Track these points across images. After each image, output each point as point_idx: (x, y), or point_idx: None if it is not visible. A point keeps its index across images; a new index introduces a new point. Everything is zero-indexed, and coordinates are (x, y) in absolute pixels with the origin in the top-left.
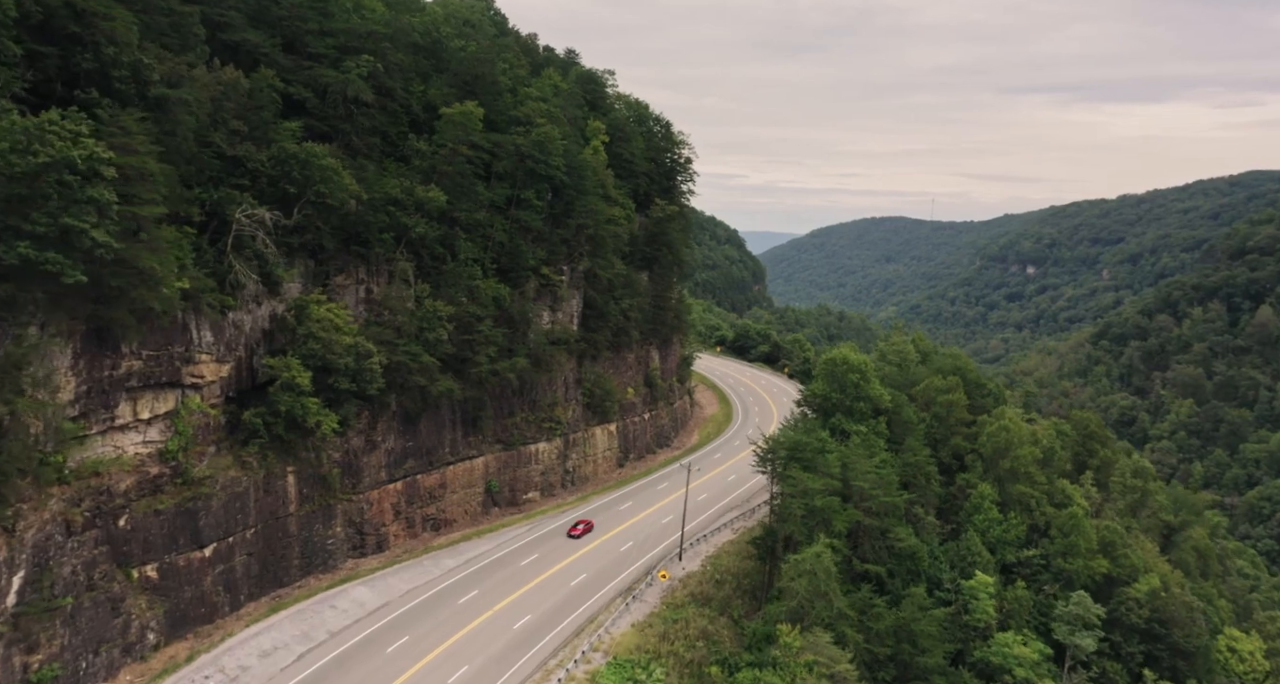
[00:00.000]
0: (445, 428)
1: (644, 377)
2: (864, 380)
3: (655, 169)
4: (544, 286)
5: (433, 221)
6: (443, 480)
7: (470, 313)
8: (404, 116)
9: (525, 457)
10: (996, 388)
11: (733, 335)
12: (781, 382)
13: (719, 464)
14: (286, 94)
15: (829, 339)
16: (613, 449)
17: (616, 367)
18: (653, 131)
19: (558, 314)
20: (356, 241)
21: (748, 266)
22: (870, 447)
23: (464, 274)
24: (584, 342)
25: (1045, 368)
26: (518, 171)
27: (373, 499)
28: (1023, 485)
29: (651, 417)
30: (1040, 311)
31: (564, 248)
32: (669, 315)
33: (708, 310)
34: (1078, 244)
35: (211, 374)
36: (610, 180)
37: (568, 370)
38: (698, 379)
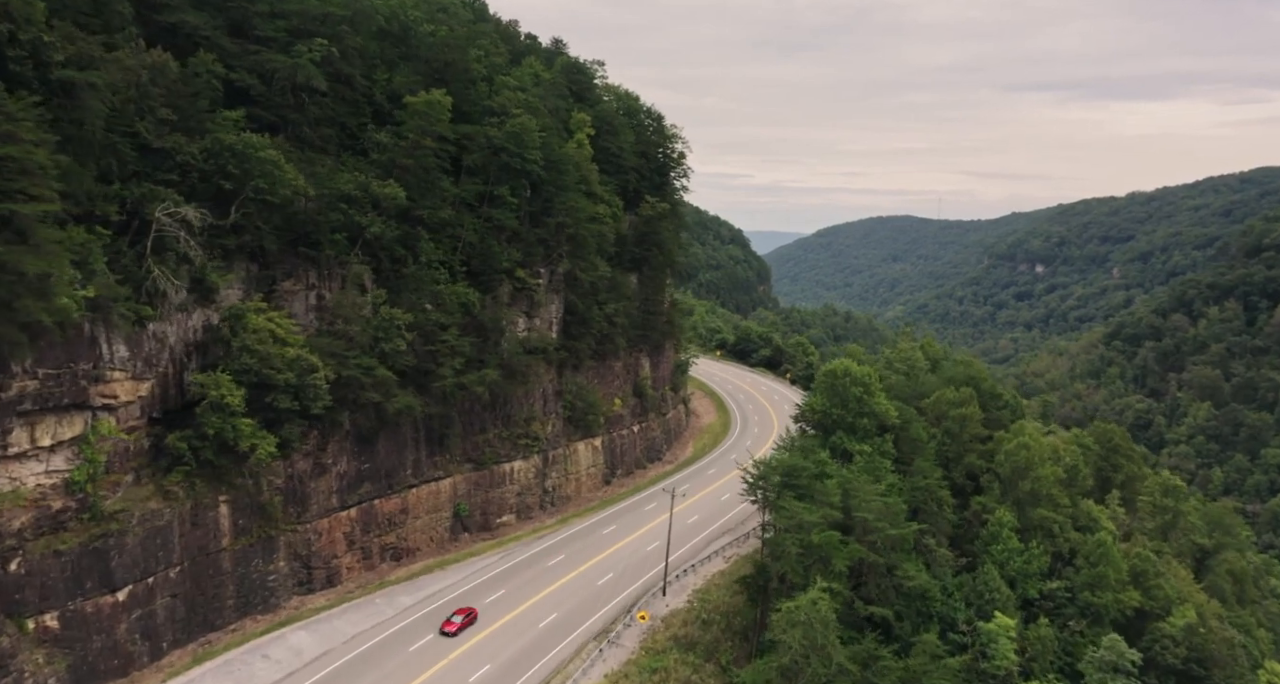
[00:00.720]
0: (407, 447)
1: (633, 386)
2: (868, 394)
3: (646, 164)
4: (519, 291)
5: (391, 220)
6: (404, 505)
7: (433, 321)
8: (366, 107)
9: (499, 477)
10: (1013, 398)
11: (734, 338)
12: (783, 388)
13: (712, 481)
14: (229, 81)
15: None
16: (597, 466)
17: (602, 376)
18: (644, 125)
19: (535, 321)
20: (306, 243)
21: (752, 267)
22: (875, 470)
23: (427, 278)
24: (564, 350)
25: (1057, 369)
26: (490, 166)
27: (322, 529)
28: (1044, 509)
29: (641, 429)
30: (1050, 311)
31: (541, 249)
32: (660, 320)
33: (711, 312)
34: (1087, 242)
35: (127, 393)
36: (595, 176)
37: (546, 382)
38: (695, 385)
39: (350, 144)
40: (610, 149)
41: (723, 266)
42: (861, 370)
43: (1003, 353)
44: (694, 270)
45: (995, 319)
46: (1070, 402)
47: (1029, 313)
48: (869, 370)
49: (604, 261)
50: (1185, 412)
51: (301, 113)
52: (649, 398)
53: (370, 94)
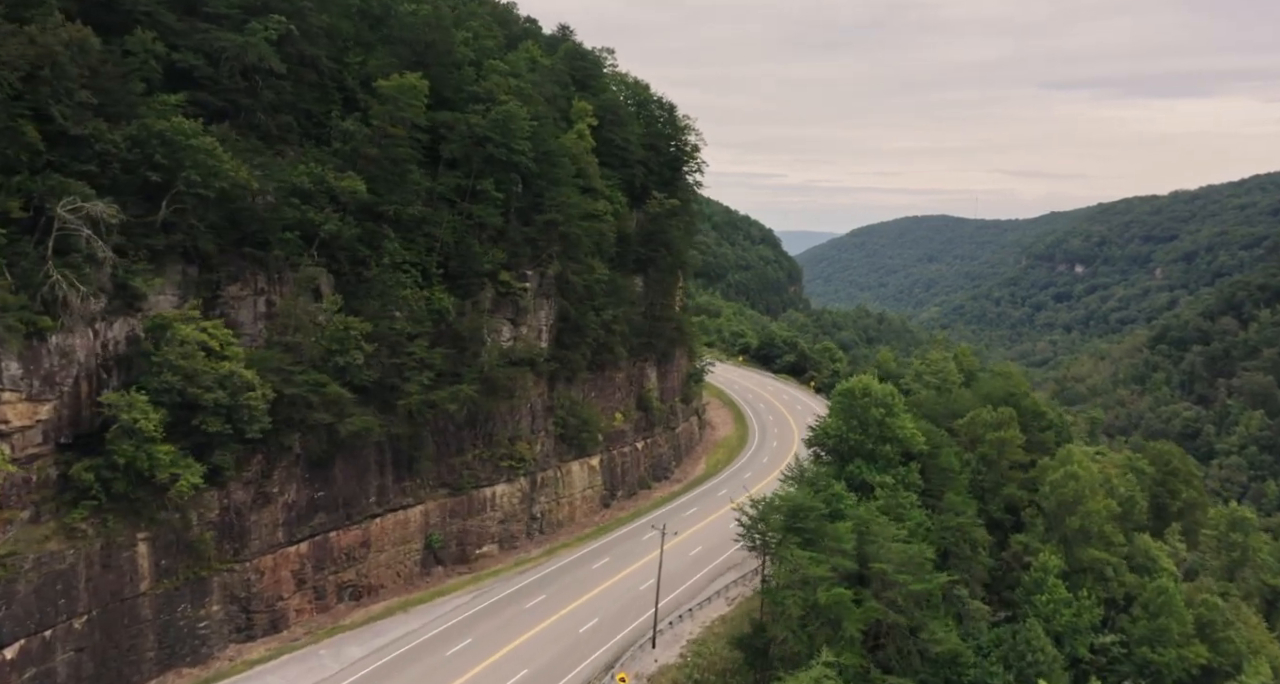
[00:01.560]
0: (369, 472)
1: (636, 399)
2: (890, 417)
3: (655, 158)
4: (503, 296)
5: (350, 217)
6: (365, 537)
7: (399, 330)
8: (336, 93)
9: (478, 503)
10: (1058, 418)
11: (757, 343)
12: (806, 397)
13: (721, 504)
14: (172, 62)
15: (868, 342)
16: (594, 487)
17: (600, 389)
18: (654, 116)
19: (521, 329)
20: (253, 242)
21: (783, 267)
22: (898, 507)
23: (392, 282)
24: (555, 361)
25: (1099, 374)
26: (473, 158)
27: (264, 567)
28: (1096, 549)
29: (647, 445)
30: (1090, 312)
31: (529, 249)
32: (669, 326)
33: (739, 314)
34: (1129, 242)
35: (22, 417)
36: (595, 170)
37: (534, 396)
38: (713, 394)
39: (317, 134)
40: (615, 141)
41: (752, 267)
42: (883, 389)
43: (1041, 355)
44: (723, 271)
45: (1033, 321)
46: (1113, 409)
47: (1068, 314)
48: (891, 389)
49: (602, 263)
50: (1236, 420)
51: (255, 98)
52: (655, 411)
53: (341, 79)
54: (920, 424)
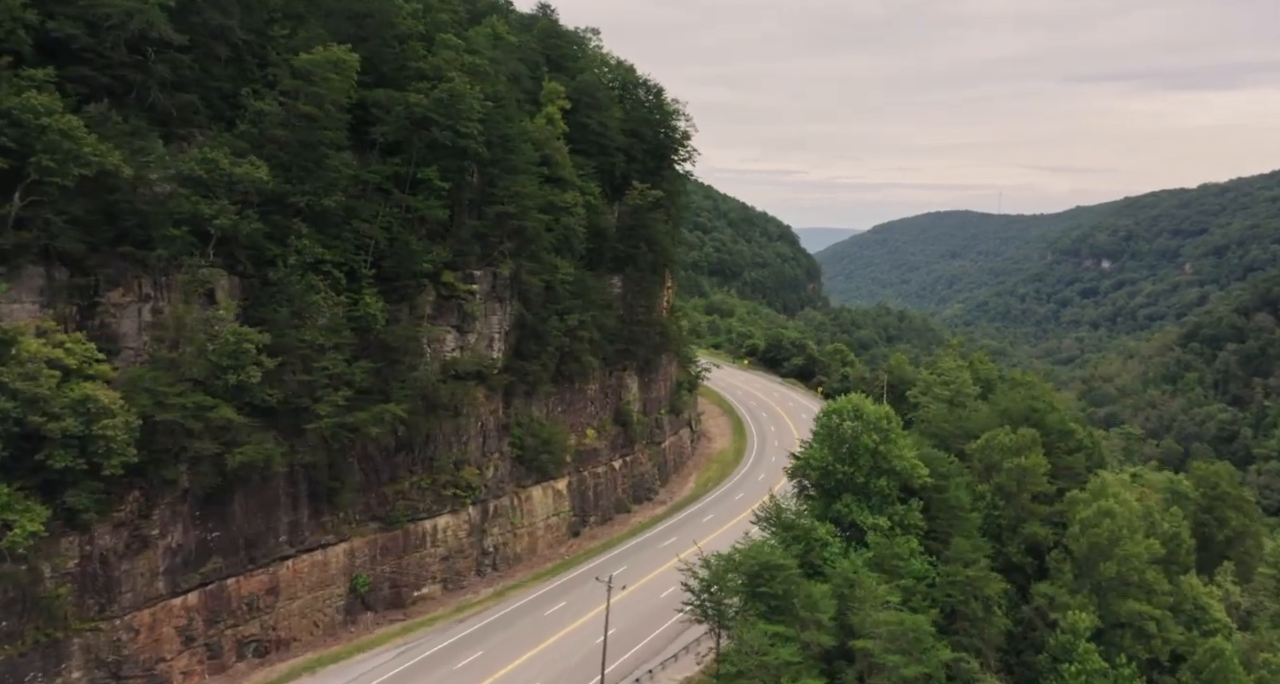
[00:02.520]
0: (278, 507)
1: (613, 412)
2: (887, 444)
3: (637, 145)
4: (446, 300)
5: (252, 210)
6: (272, 583)
7: (307, 341)
8: (257, 71)
9: (415, 538)
10: (1089, 438)
11: (764, 345)
12: (813, 403)
13: (706, 531)
14: (46, 32)
15: (888, 341)
16: (561, 514)
17: (568, 403)
18: (640, 100)
19: (468, 337)
20: (134, 240)
21: (801, 264)
22: (893, 558)
23: (301, 285)
24: (511, 373)
25: (1128, 373)
26: (414, 142)
27: (140, 623)
28: (1136, 601)
29: (625, 464)
30: (1117, 308)
31: (478, 246)
32: (652, 331)
33: (753, 312)
34: (1157, 236)
35: None
36: (565, 157)
37: (486, 414)
38: (713, 401)
39: (233, 116)
40: (591, 126)
41: (769, 265)
42: (877, 411)
43: (1067, 353)
44: (739, 269)
45: (1059, 317)
46: (1144, 410)
47: (1095, 311)
48: (886, 411)
49: (570, 261)
50: (1275, 422)
51: (147, 73)
52: (635, 426)
53: (264, 54)
54: (926, 450)
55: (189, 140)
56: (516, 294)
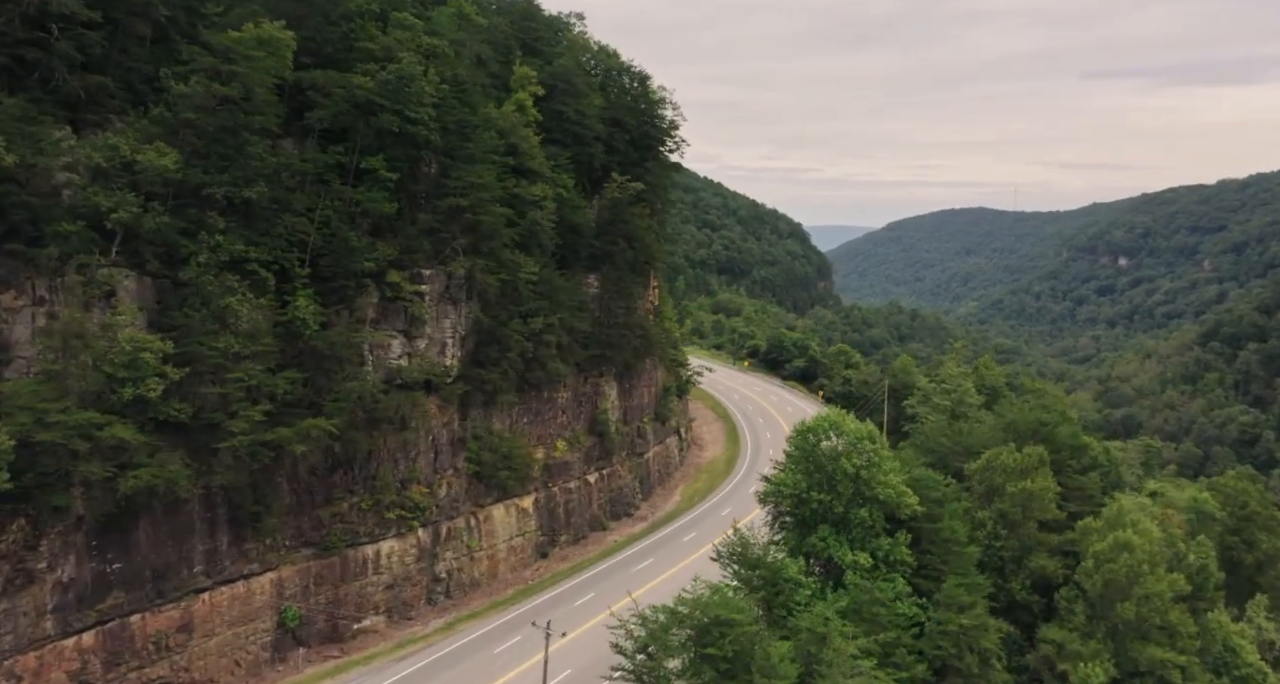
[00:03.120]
0: (191, 534)
1: (588, 422)
2: (870, 468)
3: (619, 135)
4: (391, 301)
5: (157, 202)
6: (186, 619)
7: (220, 350)
8: (187, 51)
9: (355, 565)
10: (1103, 455)
11: (765, 346)
12: (812, 407)
13: (686, 552)
14: None
15: (900, 340)
16: (526, 535)
17: (535, 413)
18: (624, 87)
19: (417, 343)
20: (23, 237)
21: (811, 262)
22: (872, 606)
23: (214, 286)
24: (466, 382)
25: (1145, 373)
26: (359, 129)
27: (24, 669)
28: (1158, 647)
29: (602, 478)
30: (1134, 306)
31: (428, 243)
32: (633, 334)
33: (761, 311)
34: (1174, 233)
35: None
36: (535, 146)
37: (438, 427)
38: (707, 405)
39: (157, 101)
40: (567, 114)
41: (779, 262)
42: (860, 429)
43: (1083, 352)
44: (748, 267)
45: (1075, 315)
46: (1162, 412)
47: (1111, 309)
48: (869, 431)
49: (537, 258)
50: None
51: (50, 52)
52: (613, 436)
53: (194, 33)
54: (918, 472)
55: (106, 127)
56: (475, 295)
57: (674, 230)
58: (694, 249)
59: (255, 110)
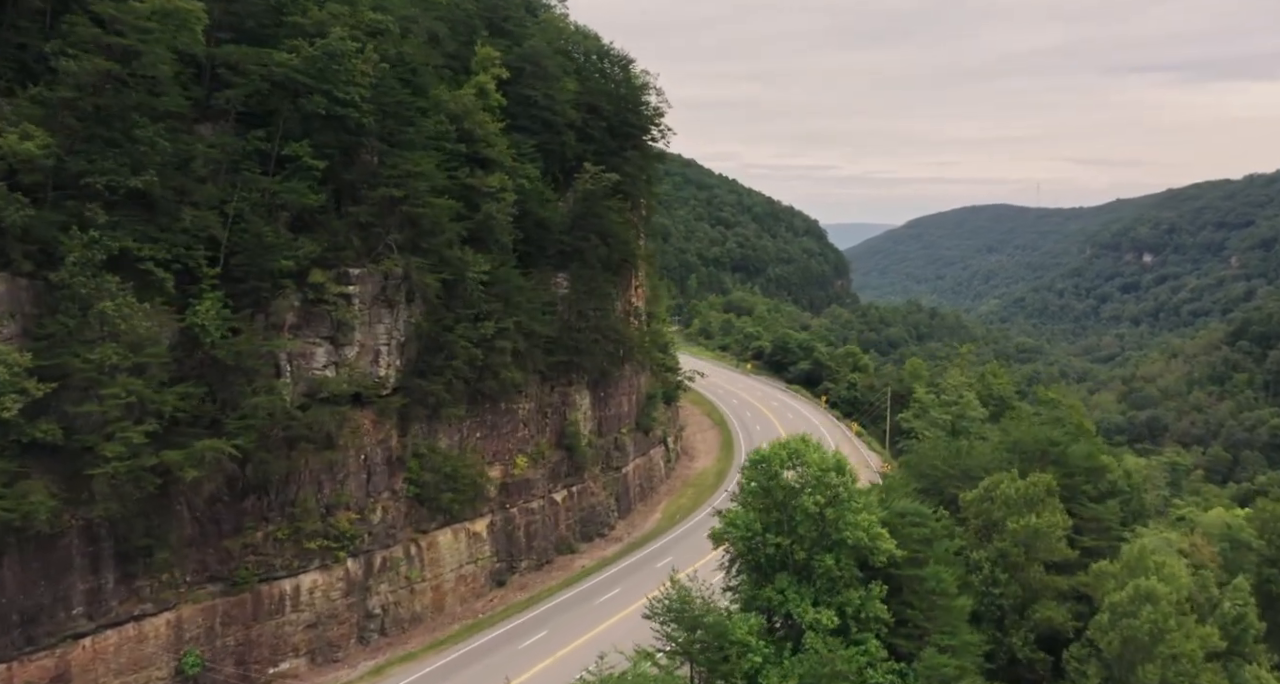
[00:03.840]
0: (69, 571)
1: (555, 436)
2: (837, 507)
3: (594, 122)
4: (314, 304)
5: (21, 193)
6: (62, 668)
7: (94, 361)
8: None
9: (270, 601)
10: (1123, 479)
11: (770, 348)
12: (814, 414)
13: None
14: None
15: (918, 339)
16: (479, 562)
17: (491, 427)
18: (605, 72)
19: (345, 351)
20: None
21: (828, 260)
22: (832, 680)
23: (90, 289)
24: (406, 394)
25: (1171, 373)
26: (287, 112)
27: None
28: None
29: (571, 496)
30: (1160, 304)
31: (356, 239)
32: (607, 338)
33: (774, 311)
34: (1200, 229)
35: None
36: (494, 133)
37: (371, 445)
38: (704, 411)
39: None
40: (535, 99)
41: (795, 260)
42: (823, 460)
43: (1107, 351)
44: (762, 265)
45: (1099, 313)
46: (1189, 414)
47: (1136, 306)
48: (838, 460)
49: (492, 256)
50: None
51: None
52: (584, 450)
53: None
54: (902, 504)
55: None
56: (418, 297)
57: (687, 228)
58: (707, 247)
59: (157, 90)
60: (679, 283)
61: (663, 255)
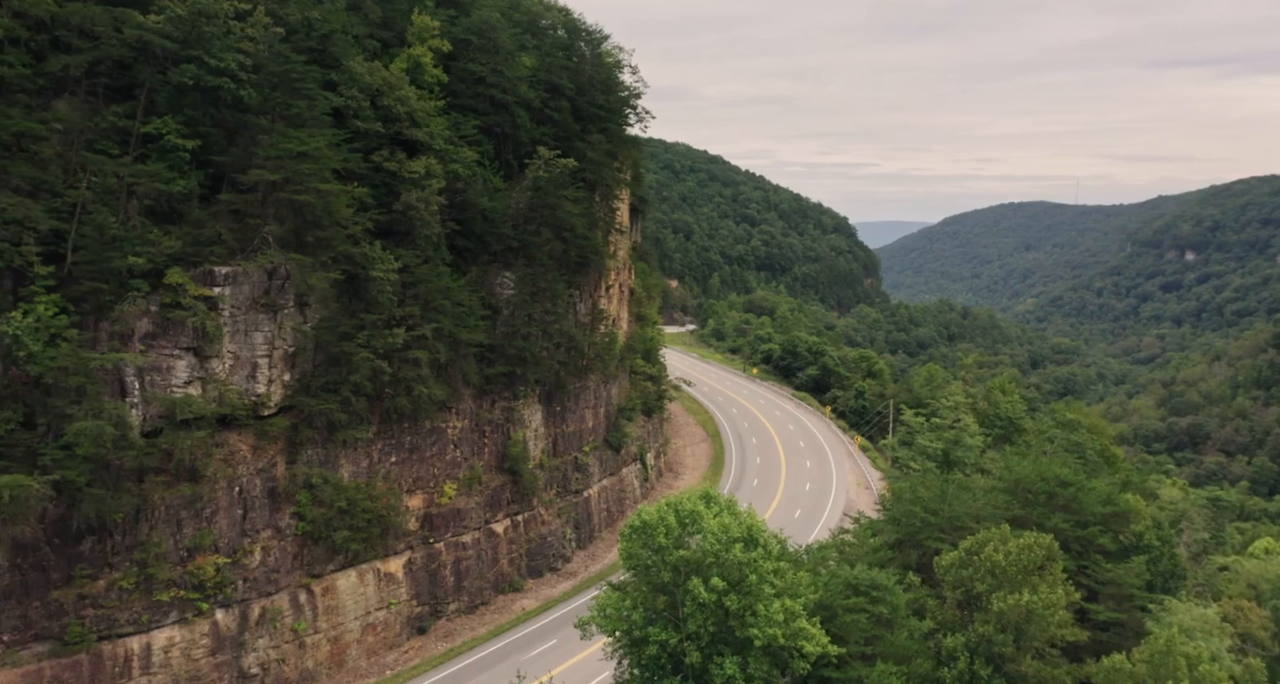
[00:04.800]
0: None
1: (496, 458)
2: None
3: (555, 103)
4: (171, 309)
5: None
6: None
7: None
8: None
9: (114, 663)
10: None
11: (779, 351)
12: (818, 425)
13: None
14: None
15: (949, 340)
16: (394, 606)
17: (410, 451)
18: (572, 47)
19: (212, 365)
20: None
21: (857, 258)
22: None
23: None
24: (294, 414)
25: (1214, 377)
26: (154, 83)
27: None
28: None
29: (515, 526)
30: (1202, 303)
31: (229, 232)
32: (555, 347)
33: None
34: (1245, 226)
35: None
36: (425, 112)
37: (247, 475)
38: (700, 421)
39: None
40: (482, 75)
41: (822, 258)
42: (727, 525)
43: (1147, 352)
44: (788, 263)
45: (1139, 313)
46: (1233, 421)
47: (1178, 306)
48: (748, 525)
49: (417, 251)
50: None
51: None
52: (531, 474)
53: None
54: (856, 574)
55: None
56: (318, 300)
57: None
58: (731, 245)
59: None
60: (701, 281)
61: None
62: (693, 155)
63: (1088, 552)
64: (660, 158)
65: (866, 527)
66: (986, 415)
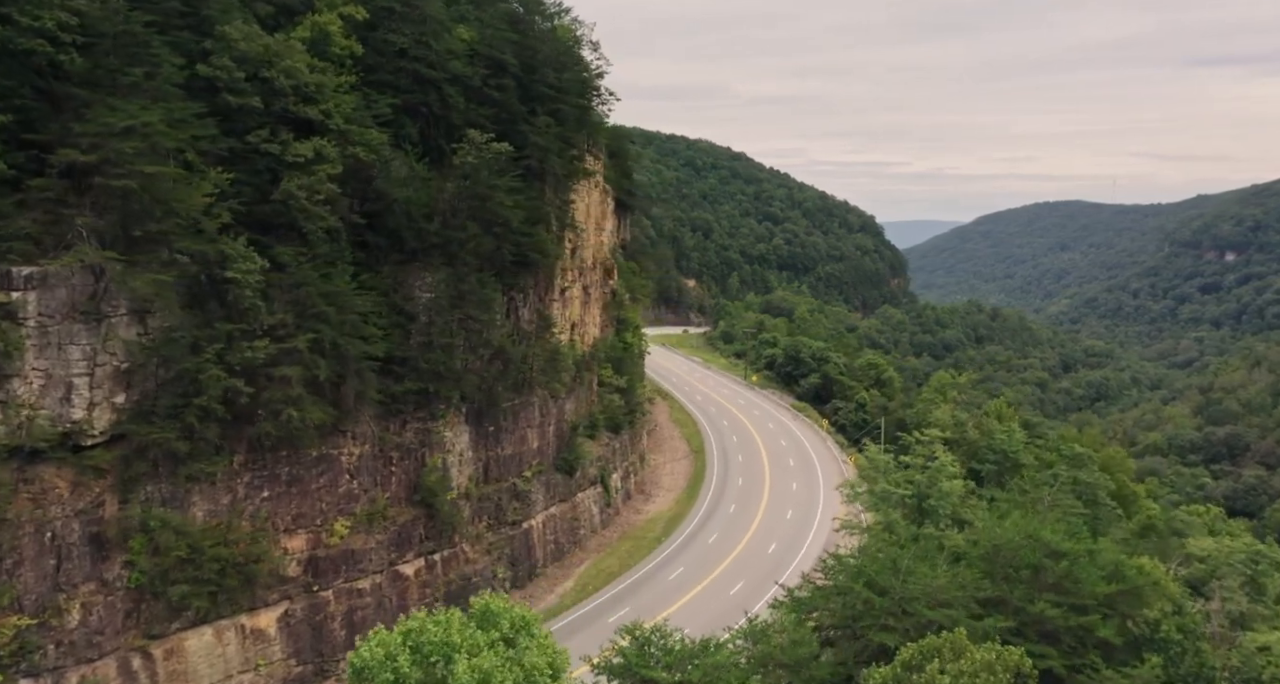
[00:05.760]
0: None
1: (407, 488)
2: None
3: (496, 81)
4: None
5: None
6: None
7: None
8: None
9: None
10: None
11: (781, 357)
12: (813, 440)
13: None
14: None
15: (977, 342)
16: (263, 668)
17: (289, 484)
18: (521, 19)
19: (12, 385)
20: None
21: (884, 258)
22: None
23: None
24: (127, 445)
25: (1254, 384)
26: None
27: None
28: None
29: (429, 567)
30: (1243, 305)
31: (36, 225)
32: (487, 361)
33: (818, 311)
34: None
35: None
36: (316, 84)
37: (62, 518)
38: (686, 434)
39: None
40: (404, 48)
41: (847, 258)
42: (481, 675)
43: (1184, 355)
44: (812, 262)
45: (1176, 315)
46: (1274, 431)
47: (1217, 308)
48: (530, 669)
49: (306, 248)
50: None
51: None
52: (449, 505)
53: None
54: None
55: None
56: (165, 308)
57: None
58: (752, 243)
59: None
60: (719, 281)
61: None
62: (715, 152)
63: (1083, 647)
64: (681, 155)
65: (795, 605)
66: (977, 447)
